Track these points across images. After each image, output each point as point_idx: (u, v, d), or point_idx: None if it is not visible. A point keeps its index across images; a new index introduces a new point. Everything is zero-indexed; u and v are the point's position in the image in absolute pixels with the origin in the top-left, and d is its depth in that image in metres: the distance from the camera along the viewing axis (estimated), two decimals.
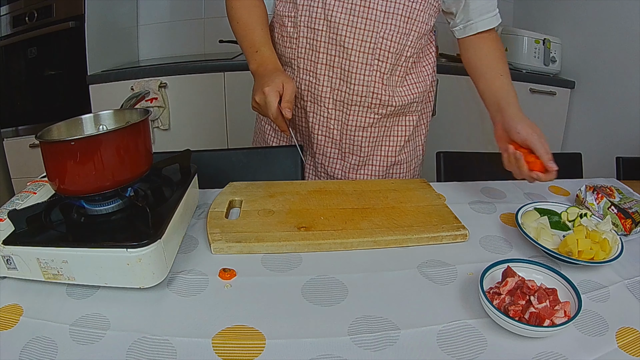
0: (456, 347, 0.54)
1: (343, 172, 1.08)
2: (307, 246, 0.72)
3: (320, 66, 0.97)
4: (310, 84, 1.00)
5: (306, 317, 0.58)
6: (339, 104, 1.00)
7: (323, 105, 1.00)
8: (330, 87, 0.98)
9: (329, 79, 0.98)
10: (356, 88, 0.96)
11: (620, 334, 0.57)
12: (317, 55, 0.96)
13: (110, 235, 0.63)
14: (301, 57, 0.98)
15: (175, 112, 2.23)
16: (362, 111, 1.00)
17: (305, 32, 0.96)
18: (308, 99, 1.02)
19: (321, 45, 0.95)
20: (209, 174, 0.92)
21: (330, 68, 0.96)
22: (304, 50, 0.97)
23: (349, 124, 1.01)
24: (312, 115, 1.03)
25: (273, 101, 0.86)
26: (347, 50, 0.93)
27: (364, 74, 0.95)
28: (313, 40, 0.95)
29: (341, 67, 0.96)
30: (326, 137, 1.04)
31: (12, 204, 0.64)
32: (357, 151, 1.05)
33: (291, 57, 1.00)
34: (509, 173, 1.04)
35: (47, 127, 0.67)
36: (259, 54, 0.96)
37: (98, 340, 0.53)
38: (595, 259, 0.69)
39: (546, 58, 2.20)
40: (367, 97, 0.97)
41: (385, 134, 1.06)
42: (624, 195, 0.87)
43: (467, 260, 0.71)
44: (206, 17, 2.56)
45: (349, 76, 0.96)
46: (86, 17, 2.01)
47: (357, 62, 0.94)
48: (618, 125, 1.99)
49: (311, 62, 0.98)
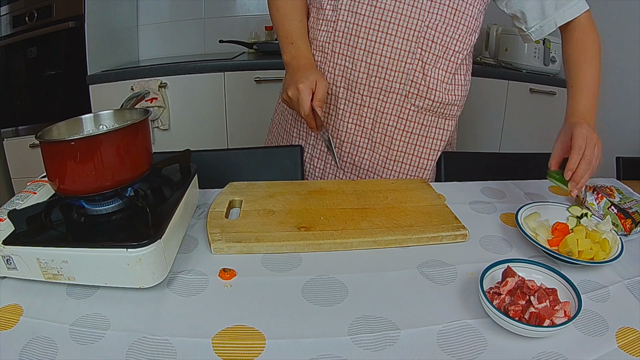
0: (456, 347, 0.54)
1: (372, 163, 1.05)
2: (307, 246, 0.72)
3: (358, 51, 0.95)
4: (346, 69, 0.98)
5: (306, 317, 0.58)
6: (375, 91, 0.98)
7: (357, 92, 0.99)
8: (367, 73, 0.96)
9: (367, 65, 0.95)
10: (395, 75, 0.95)
11: (620, 334, 0.57)
12: (356, 40, 0.94)
13: (110, 235, 0.63)
14: (338, 40, 0.97)
15: (175, 112, 2.23)
16: (399, 100, 0.98)
17: (346, 16, 0.94)
18: (341, 84, 1.00)
19: (362, 30, 0.93)
20: (209, 174, 0.92)
21: (369, 54, 0.94)
22: (342, 34, 0.96)
23: (384, 111, 0.99)
24: (343, 102, 1.01)
25: (306, 98, 0.86)
26: (389, 36, 0.92)
27: (405, 62, 0.94)
28: (354, 24, 0.94)
29: (381, 54, 0.94)
30: (357, 126, 1.02)
31: (12, 204, 0.64)
32: (388, 143, 1.02)
33: (326, 40, 0.99)
34: (509, 173, 1.04)
35: (47, 127, 0.67)
36: (294, 47, 0.96)
37: (98, 340, 0.53)
38: (595, 259, 0.69)
39: (546, 58, 2.19)
40: (406, 85, 0.96)
41: (422, 134, 1.03)
42: (624, 195, 0.87)
43: (467, 260, 0.71)
44: (206, 17, 2.56)
45: (389, 62, 0.94)
46: (86, 17, 2.01)
47: (399, 49, 0.93)
48: (618, 125, 1.99)
49: (349, 46, 0.96)
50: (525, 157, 1.29)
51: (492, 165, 1.23)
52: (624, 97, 1.95)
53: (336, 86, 1.01)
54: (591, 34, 0.93)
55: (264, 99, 2.16)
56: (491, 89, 2.26)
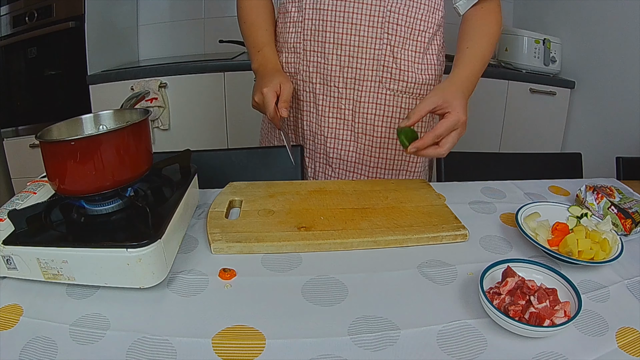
0: (456, 347, 0.54)
1: (358, 154, 1.06)
2: (307, 246, 0.72)
3: (328, 45, 0.97)
4: (319, 64, 1.00)
5: (306, 317, 0.58)
6: (349, 81, 1.00)
7: (333, 84, 1.00)
8: (340, 65, 0.98)
9: (338, 57, 0.98)
10: (367, 62, 0.97)
11: (620, 334, 0.57)
12: (324, 35, 0.97)
13: (110, 235, 0.63)
14: (307, 39, 0.99)
15: (175, 112, 2.24)
16: (374, 86, 1.00)
17: (311, 14, 0.97)
18: (317, 80, 1.02)
19: (328, 25, 0.96)
20: (209, 174, 0.92)
21: (339, 46, 0.97)
22: (310, 32, 0.98)
23: (362, 100, 1.01)
24: (322, 97, 1.03)
25: (270, 101, 0.89)
26: (355, 26, 0.94)
27: (374, 48, 0.96)
28: (319, 20, 0.96)
29: (350, 44, 0.96)
30: (337, 119, 1.04)
31: (12, 204, 0.64)
32: (370, 131, 1.03)
33: (297, 41, 1.01)
34: (509, 173, 1.04)
35: (47, 127, 0.67)
36: (261, 54, 0.99)
37: (98, 340, 0.53)
38: (595, 259, 0.69)
39: (546, 58, 2.20)
40: (379, 70, 0.98)
41: (402, 117, 1.03)
42: (624, 195, 0.87)
43: (467, 260, 0.71)
44: (206, 17, 2.56)
45: (359, 51, 0.96)
46: (86, 17, 2.01)
47: (366, 36, 0.95)
48: (618, 125, 1.99)
49: (319, 42, 0.98)
50: (525, 157, 1.29)
51: (492, 165, 1.24)
52: (624, 97, 1.95)
53: (312, 83, 1.03)
54: (496, 15, 0.97)
55: None
56: (491, 89, 2.26)
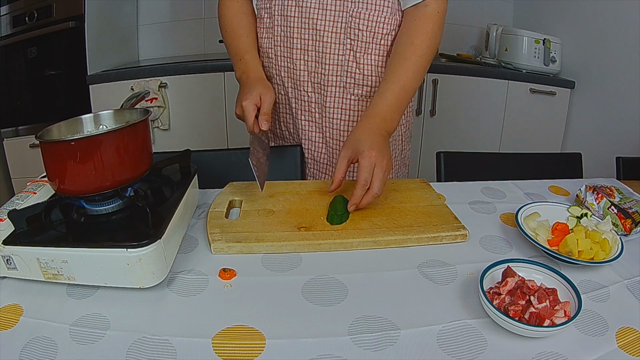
0: (456, 347, 0.54)
1: (329, 157, 1.08)
2: (307, 246, 0.72)
3: (295, 51, 0.99)
4: (289, 69, 1.02)
5: (306, 317, 0.58)
6: (317, 86, 1.02)
7: (302, 89, 1.03)
8: (307, 70, 1.01)
9: (305, 62, 1.00)
10: (331, 68, 0.99)
11: (620, 334, 0.57)
12: (292, 41, 0.99)
13: (110, 235, 0.63)
14: (277, 45, 1.01)
15: (175, 112, 2.24)
16: (338, 92, 1.01)
17: (280, 21, 0.99)
18: (289, 85, 1.04)
19: (294, 31, 0.97)
20: (209, 174, 0.92)
21: (305, 52, 0.99)
22: (280, 38, 1.00)
23: (327, 105, 1.03)
24: (294, 100, 1.06)
25: (249, 116, 0.87)
26: (319, 32, 0.96)
27: (337, 54, 0.97)
28: (287, 27, 0.98)
29: (315, 50, 0.98)
30: (309, 122, 1.06)
31: (12, 204, 0.64)
32: (337, 136, 1.05)
33: (269, 46, 1.03)
34: (509, 173, 1.04)
35: (47, 127, 0.67)
36: (243, 62, 0.98)
37: (98, 340, 0.53)
38: (595, 259, 0.69)
39: (546, 58, 2.20)
40: (342, 76, 0.99)
41: None
42: (624, 195, 0.87)
43: (467, 260, 0.71)
44: (206, 17, 2.56)
45: (323, 57, 0.98)
46: (86, 17, 2.01)
47: (330, 42, 0.96)
48: (618, 125, 1.99)
49: (287, 48, 1.00)
50: (525, 157, 1.29)
51: (492, 165, 1.24)
52: (624, 97, 1.95)
53: (284, 86, 1.05)
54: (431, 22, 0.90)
55: None
56: (491, 89, 2.26)
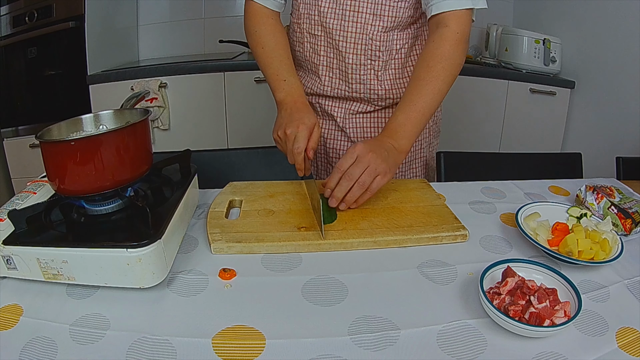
0: (456, 347, 0.54)
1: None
2: (307, 246, 0.72)
3: (321, 67, 1.05)
4: (314, 82, 1.08)
5: (306, 317, 0.58)
6: (341, 101, 1.09)
7: (326, 100, 1.10)
8: (331, 86, 1.06)
9: (330, 79, 1.06)
10: (354, 86, 1.04)
11: (620, 334, 0.57)
12: (318, 57, 1.04)
13: (110, 235, 0.63)
14: (307, 59, 1.06)
15: (175, 112, 2.24)
16: (362, 106, 1.08)
17: (308, 38, 1.03)
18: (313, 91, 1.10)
19: (321, 49, 1.02)
20: (209, 174, 0.92)
21: (330, 69, 1.04)
22: (309, 54, 1.05)
23: (351, 110, 1.09)
24: (317, 106, 1.12)
25: (303, 140, 0.84)
26: (342, 53, 1.00)
27: (359, 74, 1.02)
28: (314, 44, 1.03)
29: (339, 68, 1.03)
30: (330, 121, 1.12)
31: (12, 204, 0.64)
32: (361, 135, 1.10)
33: (300, 58, 1.08)
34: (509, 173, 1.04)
35: (47, 127, 0.67)
36: (287, 83, 0.96)
37: (98, 340, 0.53)
38: (595, 259, 0.69)
39: (546, 58, 2.20)
40: (365, 93, 1.05)
41: None
42: (624, 195, 0.87)
43: (467, 260, 0.71)
44: (206, 17, 2.56)
45: (346, 76, 1.03)
46: (86, 17, 2.01)
47: (352, 63, 1.01)
48: (618, 125, 1.99)
49: (314, 64, 1.05)
50: (525, 157, 1.29)
51: (492, 165, 1.24)
52: (624, 97, 1.95)
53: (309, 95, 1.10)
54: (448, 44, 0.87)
55: (263, 99, 2.16)
56: (491, 89, 2.26)
